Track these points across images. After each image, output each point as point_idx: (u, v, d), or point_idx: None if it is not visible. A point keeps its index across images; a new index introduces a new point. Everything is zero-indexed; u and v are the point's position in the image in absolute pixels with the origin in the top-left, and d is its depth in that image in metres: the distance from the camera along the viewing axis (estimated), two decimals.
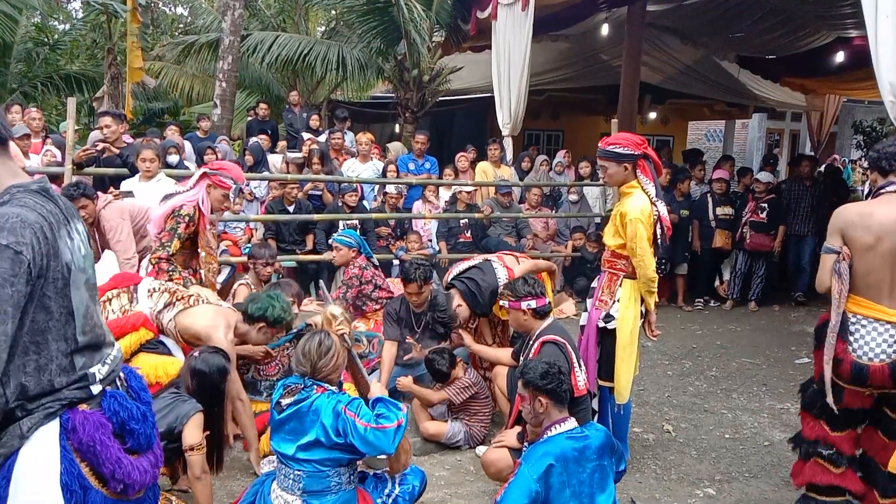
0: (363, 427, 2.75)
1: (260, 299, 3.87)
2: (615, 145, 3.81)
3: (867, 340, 3.01)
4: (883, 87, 4.47)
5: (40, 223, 1.69)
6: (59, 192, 5.07)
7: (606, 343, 3.88)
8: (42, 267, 1.68)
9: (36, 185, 1.78)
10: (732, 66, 12.78)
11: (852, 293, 3.03)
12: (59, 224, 1.76)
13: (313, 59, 11.47)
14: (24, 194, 1.73)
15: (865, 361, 3.00)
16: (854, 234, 3.01)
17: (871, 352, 2.99)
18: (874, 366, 2.97)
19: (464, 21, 10.50)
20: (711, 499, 3.76)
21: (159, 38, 17.55)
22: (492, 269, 4.48)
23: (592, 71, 12.51)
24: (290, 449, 2.85)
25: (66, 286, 1.74)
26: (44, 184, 1.81)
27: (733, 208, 8.22)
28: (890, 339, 2.96)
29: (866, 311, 3.01)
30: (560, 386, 2.95)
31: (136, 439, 1.92)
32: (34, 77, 14.52)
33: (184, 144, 8.39)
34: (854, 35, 10.01)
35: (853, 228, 3.02)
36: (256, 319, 3.85)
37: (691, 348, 6.63)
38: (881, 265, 2.96)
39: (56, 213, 1.76)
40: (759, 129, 19.37)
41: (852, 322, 3.04)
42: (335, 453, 2.83)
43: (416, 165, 8.78)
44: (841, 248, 3.05)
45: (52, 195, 1.80)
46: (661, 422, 4.80)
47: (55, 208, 1.77)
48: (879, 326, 2.98)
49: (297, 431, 2.86)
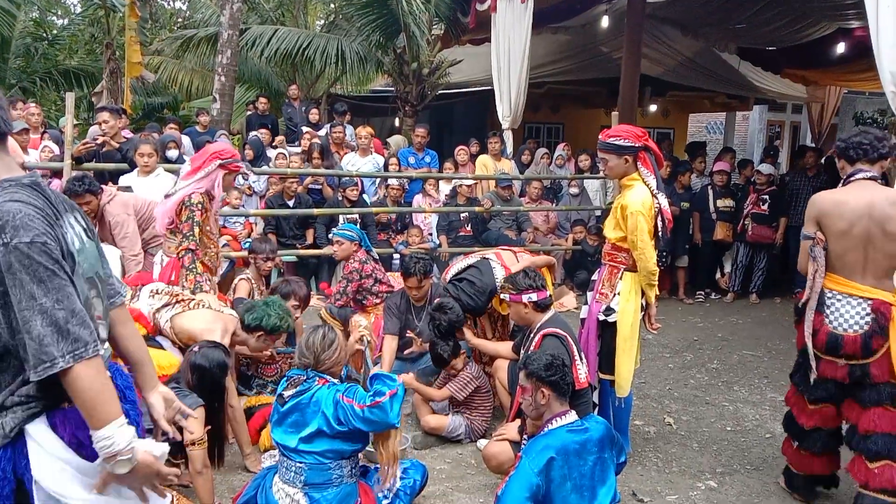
0: (360, 409, 2.79)
1: (256, 308, 3.84)
2: (616, 137, 3.80)
3: (842, 313, 3.31)
4: (884, 77, 4.45)
5: (41, 214, 1.68)
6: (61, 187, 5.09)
7: (607, 336, 3.88)
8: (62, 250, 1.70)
9: (28, 178, 1.77)
10: (733, 57, 12.71)
11: (829, 272, 3.33)
12: (54, 217, 1.75)
13: (312, 52, 11.43)
14: (16, 188, 1.72)
15: (840, 332, 3.30)
16: (829, 221, 3.30)
17: (845, 323, 3.30)
18: (848, 336, 3.27)
19: (463, 14, 10.47)
20: (713, 491, 3.76)
21: (158, 32, 17.51)
22: (489, 269, 4.45)
23: (592, 63, 12.45)
24: (292, 441, 2.86)
25: (73, 273, 1.74)
26: (35, 178, 1.80)
27: (734, 200, 8.21)
28: (862, 312, 3.27)
29: (842, 287, 3.31)
30: (563, 378, 2.95)
31: None
32: (33, 72, 14.49)
33: (181, 140, 8.37)
34: (855, 26, 9.96)
35: (828, 216, 3.30)
36: (254, 329, 3.84)
37: (692, 341, 6.63)
38: (854, 247, 3.25)
39: (48, 206, 1.75)
40: (760, 121, 19.31)
41: (829, 297, 3.34)
42: (338, 443, 2.85)
43: (416, 159, 8.77)
44: (815, 234, 3.34)
45: (44, 189, 1.79)
46: (662, 414, 4.80)
47: (46, 203, 1.76)
48: (853, 300, 3.29)
49: (300, 423, 2.87)
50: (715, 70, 12.88)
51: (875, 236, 3.22)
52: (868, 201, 3.22)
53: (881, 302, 3.24)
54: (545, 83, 12.73)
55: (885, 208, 3.20)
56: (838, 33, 10.80)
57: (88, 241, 1.91)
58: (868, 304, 3.26)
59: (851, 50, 10.83)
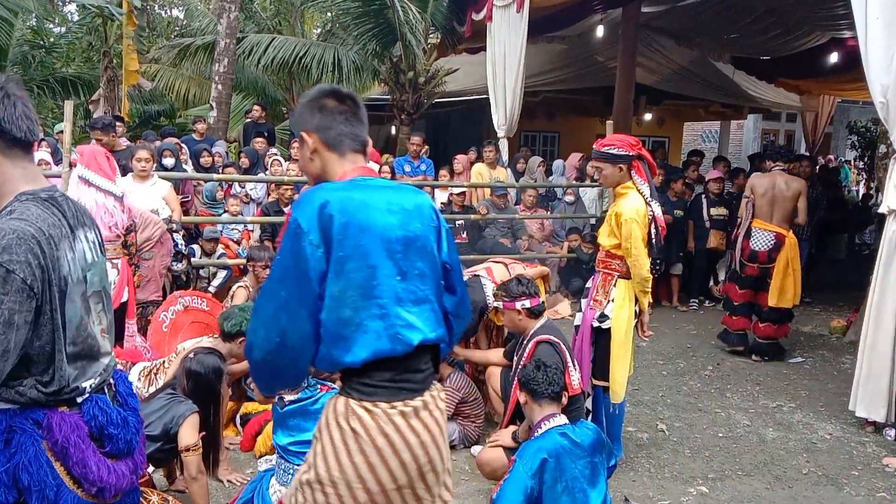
0: None
1: (233, 315, 3.84)
2: (610, 146, 3.85)
3: (758, 238, 6.17)
4: (873, 88, 4.49)
5: (38, 237, 1.68)
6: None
7: (601, 343, 3.90)
8: (44, 280, 1.69)
9: (45, 192, 1.78)
10: (727, 66, 12.80)
11: (755, 217, 6.18)
12: (62, 236, 1.76)
13: (309, 61, 11.49)
14: (30, 203, 1.73)
15: (757, 249, 6.16)
16: (756, 189, 6.22)
17: (760, 244, 6.16)
18: (761, 251, 6.15)
19: (459, 23, 10.53)
20: (704, 497, 3.79)
21: (155, 40, 17.54)
22: (480, 286, 4.41)
23: (588, 72, 12.53)
24: (290, 441, 2.88)
25: (63, 299, 1.75)
26: (52, 191, 1.81)
27: (728, 209, 8.26)
28: (770, 238, 6.12)
29: (760, 225, 6.17)
30: (540, 381, 3.03)
31: (115, 444, 1.91)
32: (30, 80, 14.48)
33: (182, 148, 8.39)
34: (847, 36, 10.03)
35: (756, 187, 6.24)
36: (234, 336, 3.85)
37: (685, 348, 6.66)
38: (767, 203, 6.14)
39: (59, 225, 1.76)
40: (755, 130, 19.43)
41: (754, 231, 6.19)
42: None
43: (411, 167, 8.81)
44: (749, 195, 6.25)
45: (60, 203, 1.80)
46: (655, 421, 4.83)
47: (61, 219, 1.77)
48: (765, 232, 6.15)
49: (301, 427, 2.89)
50: (709, 79, 12.97)
51: (777, 198, 6.12)
52: (774, 181, 6.16)
53: (778, 233, 6.11)
54: (541, 92, 12.80)
55: (781, 185, 6.12)
56: (831, 43, 10.89)
57: (100, 256, 1.92)
58: (773, 234, 6.12)
59: (844, 59, 10.92)
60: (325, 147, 1.92)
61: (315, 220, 1.76)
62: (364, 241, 1.79)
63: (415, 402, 1.86)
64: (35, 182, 1.79)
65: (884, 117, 4.51)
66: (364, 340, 1.78)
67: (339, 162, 1.93)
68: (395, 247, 1.84)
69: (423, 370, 1.91)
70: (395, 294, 1.83)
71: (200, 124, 9.85)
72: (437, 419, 1.91)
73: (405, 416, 1.83)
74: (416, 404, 1.86)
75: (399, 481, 1.85)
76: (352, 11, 10.76)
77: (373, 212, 1.83)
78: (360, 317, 1.79)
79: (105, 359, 1.93)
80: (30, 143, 1.79)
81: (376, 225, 1.82)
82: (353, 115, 1.94)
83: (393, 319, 1.81)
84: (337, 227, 1.76)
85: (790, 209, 6.11)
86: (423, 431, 1.86)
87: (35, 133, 1.80)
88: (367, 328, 1.79)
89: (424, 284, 1.90)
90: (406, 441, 1.83)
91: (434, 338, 1.90)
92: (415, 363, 1.87)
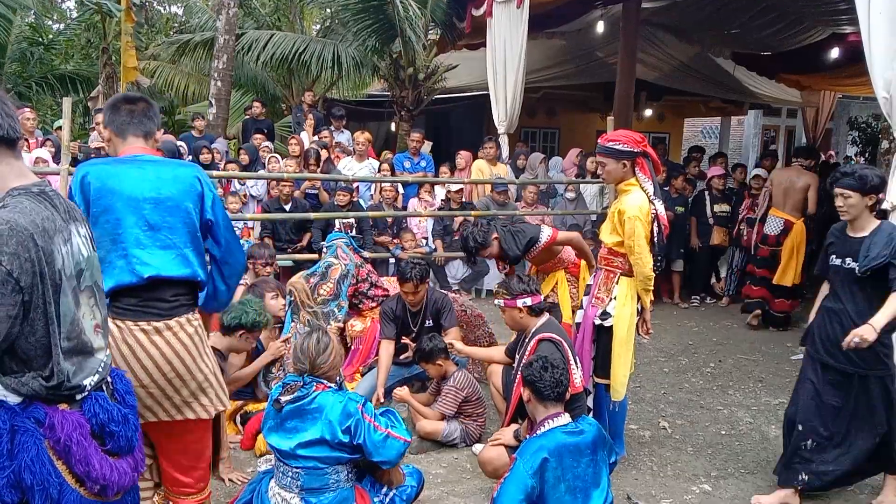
0: (382, 432, 2.85)
1: (232, 309, 3.85)
2: (615, 142, 3.81)
3: (771, 224, 7.22)
4: (876, 83, 4.47)
5: (31, 230, 1.68)
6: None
7: (603, 340, 3.88)
8: (35, 273, 1.68)
9: (37, 187, 1.78)
10: (728, 62, 12.76)
11: (772, 205, 7.27)
12: (55, 230, 1.75)
13: (308, 57, 11.46)
14: (23, 197, 1.73)
15: (769, 233, 7.24)
16: (776, 181, 7.29)
17: (771, 228, 7.22)
18: (771, 235, 7.20)
19: (459, 19, 10.50)
20: (707, 495, 3.78)
21: (154, 37, 17.49)
22: (539, 229, 4.54)
23: (588, 68, 12.49)
24: (290, 446, 2.85)
25: (57, 293, 1.74)
26: (44, 186, 1.81)
27: (730, 205, 8.24)
28: (780, 224, 7.14)
29: (774, 213, 7.22)
30: (545, 380, 3.01)
31: (116, 441, 1.91)
32: (29, 77, 14.47)
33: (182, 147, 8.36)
34: (849, 31, 10.00)
35: (777, 178, 7.33)
36: (234, 329, 3.85)
37: (687, 345, 6.65)
38: (782, 193, 7.15)
39: (52, 219, 1.75)
40: (755, 126, 19.37)
41: (769, 217, 7.26)
42: (337, 452, 2.84)
43: (411, 164, 8.78)
44: (769, 186, 7.37)
45: (51, 198, 1.80)
46: (657, 418, 4.81)
47: (53, 213, 1.76)
48: (777, 219, 7.18)
49: (299, 429, 2.86)
50: (710, 75, 12.93)
51: (789, 189, 7.11)
52: (790, 174, 7.27)
53: (787, 220, 7.11)
54: (541, 88, 12.76)
55: (794, 178, 7.13)
56: (832, 38, 10.85)
57: (93, 251, 1.92)
58: (783, 220, 7.13)
59: (845, 55, 10.88)
60: (114, 135, 2.57)
61: (78, 186, 2.43)
62: (112, 201, 2.42)
63: (158, 324, 2.44)
64: (24, 178, 1.80)
65: (887, 112, 4.48)
66: (111, 273, 2.38)
67: (121, 145, 2.56)
68: (144, 205, 2.44)
69: (171, 301, 2.49)
70: (136, 240, 2.43)
71: (200, 121, 9.83)
72: (181, 340, 2.47)
73: (146, 333, 2.43)
74: (158, 325, 2.44)
75: (143, 381, 2.42)
76: (351, 7, 10.72)
77: (124, 179, 2.45)
78: (109, 257, 2.41)
79: (100, 354, 1.92)
80: (13, 139, 1.80)
81: (124, 188, 2.43)
82: (141, 112, 2.57)
83: (131, 259, 2.42)
84: (93, 191, 2.41)
85: (800, 199, 7.09)
86: (165, 346, 2.44)
87: (17, 129, 1.81)
88: (114, 265, 2.41)
89: (174, 235, 2.48)
90: (147, 352, 2.42)
91: (175, 276, 2.47)
92: (157, 293, 2.46)
